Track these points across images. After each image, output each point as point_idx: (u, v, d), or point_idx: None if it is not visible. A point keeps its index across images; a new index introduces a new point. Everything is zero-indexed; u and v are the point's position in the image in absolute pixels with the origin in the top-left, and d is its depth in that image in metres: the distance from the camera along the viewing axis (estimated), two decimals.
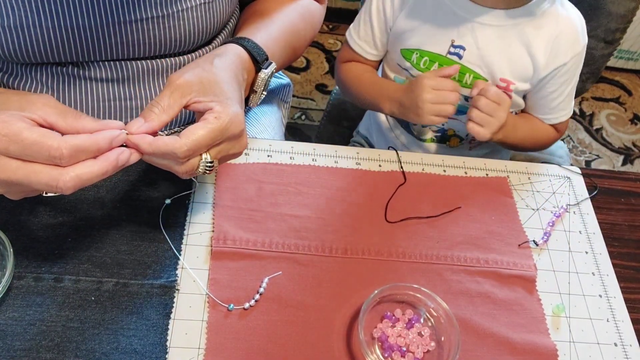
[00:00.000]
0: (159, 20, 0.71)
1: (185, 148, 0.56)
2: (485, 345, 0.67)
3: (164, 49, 0.74)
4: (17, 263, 0.64)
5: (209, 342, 0.62)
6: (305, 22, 0.86)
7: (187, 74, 0.60)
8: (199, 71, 0.61)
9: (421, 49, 0.90)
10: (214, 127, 0.57)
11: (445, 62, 0.89)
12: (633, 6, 1.02)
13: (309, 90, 2.08)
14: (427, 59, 0.90)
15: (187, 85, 0.59)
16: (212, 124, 0.57)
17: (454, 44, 0.87)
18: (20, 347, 0.59)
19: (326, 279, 0.69)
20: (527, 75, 0.87)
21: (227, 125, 0.58)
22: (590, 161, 2.03)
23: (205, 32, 0.76)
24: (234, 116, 0.59)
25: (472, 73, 0.88)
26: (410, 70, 0.93)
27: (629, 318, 0.72)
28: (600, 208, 0.84)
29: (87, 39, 0.69)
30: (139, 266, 0.67)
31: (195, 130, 0.57)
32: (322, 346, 0.64)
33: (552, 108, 0.93)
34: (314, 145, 0.83)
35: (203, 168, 0.59)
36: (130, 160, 0.55)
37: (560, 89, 0.90)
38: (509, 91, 0.89)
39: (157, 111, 0.57)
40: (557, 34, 0.84)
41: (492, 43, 0.86)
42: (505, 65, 0.87)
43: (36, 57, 0.69)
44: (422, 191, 0.80)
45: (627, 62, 2.28)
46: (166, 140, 0.55)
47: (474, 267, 0.73)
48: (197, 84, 0.59)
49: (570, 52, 0.86)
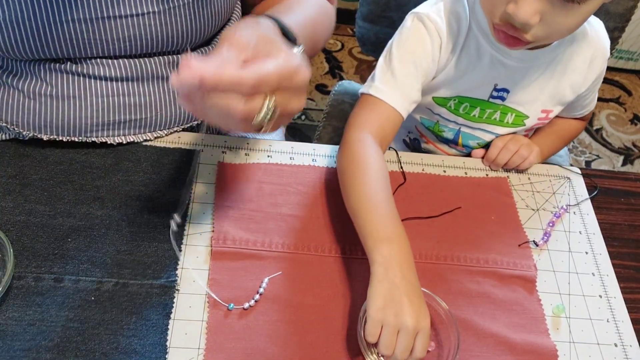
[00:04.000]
0: (154, 16, 0.71)
1: (255, 77, 0.50)
2: (485, 345, 0.67)
3: (161, 45, 0.74)
4: (17, 263, 0.64)
5: (208, 342, 0.62)
6: (324, 16, 0.82)
7: (241, 32, 0.55)
8: (252, 30, 0.56)
9: (460, 95, 0.85)
10: (284, 66, 0.52)
11: (488, 106, 0.85)
12: (631, 5, 1.02)
13: (309, 90, 2.08)
14: (468, 105, 0.86)
15: (244, 41, 0.53)
16: (282, 62, 0.52)
17: (496, 87, 0.84)
18: (20, 347, 0.59)
19: (326, 279, 0.69)
20: (566, 99, 0.86)
21: (297, 69, 0.53)
22: (590, 161, 2.03)
23: (202, 30, 0.76)
24: (303, 66, 0.54)
25: (514, 112, 0.86)
26: (445, 115, 0.88)
27: (629, 318, 0.72)
28: (600, 208, 0.84)
29: (82, 32, 0.69)
30: (139, 266, 0.67)
31: (264, 64, 0.51)
32: (322, 346, 0.64)
33: (584, 106, 0.93)
34: (314, 146, 0.83)
35: (265, 112, 0.53)
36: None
37: (593, 91, 0.90)
38: (548, 119, 0.88)
39: (217, 60, 0.51)
40: (592, 54, 0.83)
41: (535, 81, 0.83)
42: (546, 98, 0.85)
43: (33, 52, 0.69)
44: (422, 191, 0.80)
45: (627, 62, 2.28)
46: (232, 70, 0.49)
47: (474, 267, 0.73)
48: (254, 39, 0.54)
49: (603, 63, 0.85)
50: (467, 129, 0.89)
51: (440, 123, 0.90)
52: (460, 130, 0.89)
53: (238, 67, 0.51)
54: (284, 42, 0.58)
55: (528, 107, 0.86)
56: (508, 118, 0.87)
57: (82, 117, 0.74)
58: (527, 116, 0.87)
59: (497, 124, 0.88)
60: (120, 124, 0.76)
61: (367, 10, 1.11)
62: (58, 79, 0.73)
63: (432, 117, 0.90)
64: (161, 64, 0.77)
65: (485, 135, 0.89)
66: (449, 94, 0.85)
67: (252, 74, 0.49)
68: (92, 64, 0.73)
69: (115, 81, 0.75)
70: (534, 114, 0.87)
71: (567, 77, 0.84)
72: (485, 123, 0.88)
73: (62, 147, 0.75)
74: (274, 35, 0.57)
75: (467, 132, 0.89)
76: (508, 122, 0.87)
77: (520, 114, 0.86)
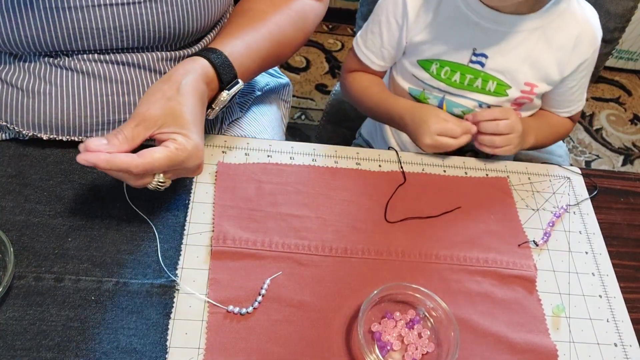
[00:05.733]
0: (151, 4, 0.71)
1: (140, 168, 0.60)
2: (485, 345, 0.67)
3: (157, 38, 0.73)
4: (18, 263, 0.64)
5: (208, 342, 0.62)
6: (296, 27, 0.84)
7: (153, 107, 0.63)
8: (164, 103, 0.64)
9: (441, 59, 0.88)
10: (172, 157, 0.62)
11: (467, 71, 0.87)
12: (631, 5, 1.02)
13: (309, 90, 2.08)
14: (448, 69, 0.88)
15: (152, 119, 0.63)
16: (171, 152, 0.62)
17: (475, 52, 0.86)
18: (21, 346, 0.59)
19: (326, 278, 0.69)
20: (551, 76, 0.87)
21: (186, 158, 0.63)
22: (590, 161, 2.03)
23: (198, 21, 0.75)
24: (195, 150, 0.63)
25: (495, 80, 0.87)
26: (428, 82, 0.91)
27: (628, 318, 0.72)
28: (599, 208, 0.84)
29: (76, 20, 0.68)
30: (139, 266, 0.67)
31: (154, 153, 0.61)
32: (322, 346, 0.64)
33: (571, 101, 0.93)
34: (314, 145, 0.83)
35: (155, 185, 0.64)
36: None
37: (580, 82, 0.91)
38: (533, 94, 0.89)
39: (121, 139, 0.61)
40: (578, 33, 0.84)
41: (515, 49, 0.85)
42: (528, 70, 0.86)
43: (29, 44, 0.68)
44: (422, 191, 0.80)
45: (627, 62, 2.28)
46: (122, 158, 0.59)
47: (474, 267, 0.73)
48: (162, 117, 0.63)
49: (590, 48, 0.86)
50: (451, 96, 0.91)
51: (425, 91, 0.93)
52: (445, 98, 0.92)
53: (136, 145, 0.62)
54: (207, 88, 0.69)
55: (510, 76, 0.87)
56: (490, 86, 0.88)
57: (81, 116, 0.74)
58: (509, 86, 0.88)
59: (480, 92, 0.89)
60: (121, 124, 0.76)
61: (367, 10, 1.11)
62: (57, 77, 0.73)
63: (418, 85, 0.94)
64: (159, 60, 0.77)
65: (469, 102, 0.91)
66: (431, 56, 0.89)
67: (140, 164, 0.60)
68: (90, 60, 0.73)
69: (113, 81, 0.75)
70: (516, 84, 0.88)
71: (553, 53, 0.85)
72: (468, 90, 0.90)
73: (62, 147, 0.75)
74: (186, 103, 0.65)
75: (451, 100, 0.91)
76: (490, 90, 0.89)
77: (502, 82, 0.88)
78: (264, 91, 1.03)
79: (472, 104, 0.91)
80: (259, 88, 1.02)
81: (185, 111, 0.64)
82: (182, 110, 0.64)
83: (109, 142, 0.60)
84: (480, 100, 0.90)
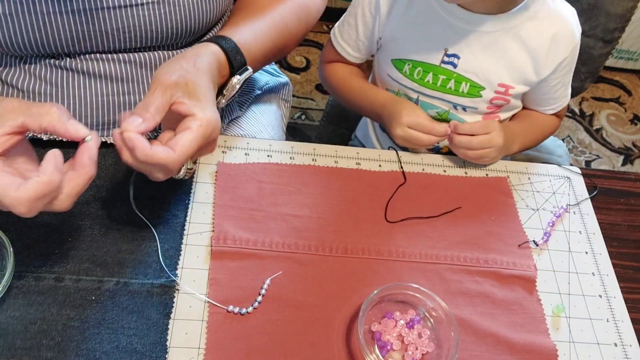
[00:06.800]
0: (154, 6, 0.71)
1: (179, 161, 0.58)
2: (485, 345, 0.67)
3: (160, 38, 0.74)
4: (18, 263, 0.64)
5: (209, 342, 0.62)
6: (299, 20, 0.85)
7: (174, 75, 0.61)
8: (183, 73, 0.62)
9: (413, 59, 0.88)
10: (199, 136, 0.60)
11: (440, 72, 0.87)
12: (631, 5, 1.02)
13: (309, 90, 2.08)
14: (421, 70, 0.88)
15: (176, 86, 0.61)
16: (197, 132, 0.60)
17: (447, 52, 0.86)
18: (21, 345, 0.59)
19: (326, 278, 0.69)
20: (528, 77, 0.87)
21: (210, 131, 0.61)
22: (590, 161, 2.03)
23: (200, 20, 0.76)
24: (215, 121, 0.62)
25: (468, 81, 0.87)
26: (402, 82, 0.91)
27: (628, 318, 0.72)
28: (600, 208, 0.84)
29: (81, 23, 0.69)
30: (140, 265, 0.67)
31: (183, 142, 0.59)
32: (322, 346, 0.64)
33: (555, 99, 0.93)
34: (314, 145, 0.83)
35: (182, 174, 0.63)
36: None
37: (562, 80, 0.90)
38: (509, 95, 0.88)
39: (153, 111, 0.59)
40: (555, 32, 0.84)
41: (488, 49, 0.84)
42: (503, 70, 0.86)
43: (32, 47, 0.69)
44: (422, 191, 0.80)
45: (627, 62, 2.28)
46: (160, 153, 0.57)
47: (474, 267, 0.73)
48: (183, 85, 0.61)
49: (569, 47, 0.85)
50: (425, 98, 0.91)
51: (400, 92, 0.93)
52: (419, 99, 0.92)
53: (164, 116, 0.60)
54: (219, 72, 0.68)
55: (483, 77, 0.87)
56: (463, 87, 0.88)
57: (82, 116, 0.74)
58: (483, 87, 0.88)
59: (453, 93, 0.89)
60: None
61: None
62: (58, 77, 0.73)
63: (393, 86, 0.94)
64: (161, 59, 0.77)
65: (444, 104, 0.91)
66: (403, 55, 0.89)
67: (177, 160, 0.58)
68: (92, 60, 0.73)
69: (115, 80, 0.75)
70: (489, 86, 0.87)
71: (528, 54, 0.85)
72: (441, 91, 0.89)
73: (62, 147, 0.75)
74: (202, 78, 0.64)
75: (425, 101, 0.91)
76: (463, 92, 0.88)
77: (475, 84, 0.87)
78: (263, 90, 1.03)
79: (447, 105, 0.90)
80: (259, 87, 1.02)
81: (202, 85, 0.63)
82: (199, 83, 0.63)
83: (143, 116, 0.58)
84: (454, 102, 0.90)
